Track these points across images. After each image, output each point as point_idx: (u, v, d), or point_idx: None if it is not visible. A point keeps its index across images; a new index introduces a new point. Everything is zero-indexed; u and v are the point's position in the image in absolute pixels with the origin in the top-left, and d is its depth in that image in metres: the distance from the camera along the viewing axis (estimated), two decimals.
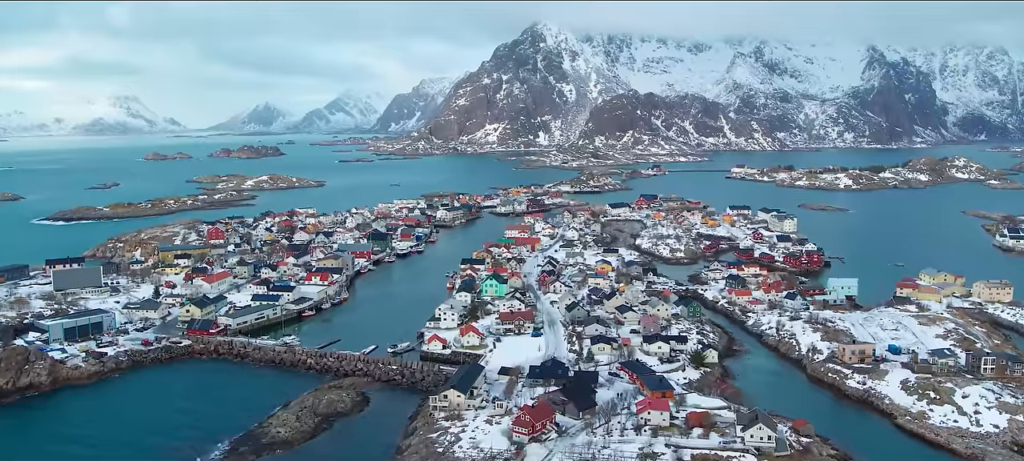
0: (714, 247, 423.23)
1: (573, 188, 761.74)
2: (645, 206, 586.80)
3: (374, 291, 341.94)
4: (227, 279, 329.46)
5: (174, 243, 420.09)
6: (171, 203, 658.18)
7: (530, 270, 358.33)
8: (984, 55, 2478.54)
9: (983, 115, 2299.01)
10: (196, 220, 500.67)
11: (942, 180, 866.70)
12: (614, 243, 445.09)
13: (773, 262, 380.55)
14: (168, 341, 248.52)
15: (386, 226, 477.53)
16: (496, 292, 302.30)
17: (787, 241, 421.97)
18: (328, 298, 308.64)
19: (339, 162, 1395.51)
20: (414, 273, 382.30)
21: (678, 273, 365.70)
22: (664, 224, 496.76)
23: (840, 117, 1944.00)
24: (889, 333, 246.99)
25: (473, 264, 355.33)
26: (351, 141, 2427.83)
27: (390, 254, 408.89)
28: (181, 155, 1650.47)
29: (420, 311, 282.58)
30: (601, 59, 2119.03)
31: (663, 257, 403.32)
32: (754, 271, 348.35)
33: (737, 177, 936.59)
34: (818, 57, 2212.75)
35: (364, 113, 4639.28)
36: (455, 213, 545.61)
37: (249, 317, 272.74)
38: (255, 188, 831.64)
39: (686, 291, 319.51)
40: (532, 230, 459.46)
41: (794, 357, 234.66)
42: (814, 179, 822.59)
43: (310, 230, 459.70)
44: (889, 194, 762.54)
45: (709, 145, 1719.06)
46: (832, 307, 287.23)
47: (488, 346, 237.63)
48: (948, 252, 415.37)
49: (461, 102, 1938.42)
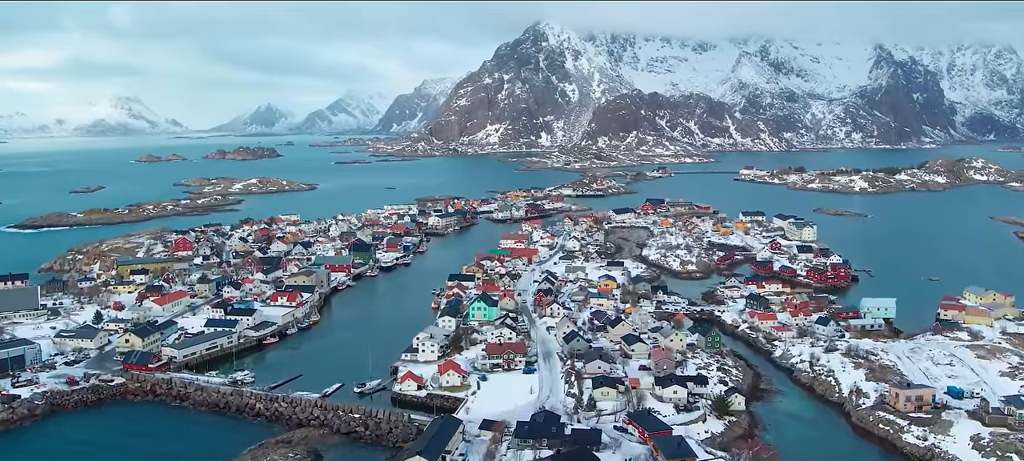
0: (728, 258, 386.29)
1: (575, 191, 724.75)
2: (651, 211, 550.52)
3: (350, 312, 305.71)
4: (184, 300, 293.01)
5: (136, 255, 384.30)
6: (150, 208, 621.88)
7: (526, 287, 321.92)
8: (992, 54, 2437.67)
9: (992, 115, 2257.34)
10: (165, 229, 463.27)
11: (961, 182, 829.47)
12: (618, 254, 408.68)
13: (795, 277, 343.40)
14: (98, 379, 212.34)
15: (372, 235, 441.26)
16: (485, 316, 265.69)
17: (808, 252, 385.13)
18: (295, 322, 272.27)
19: (335, 164, 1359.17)
20: (398, 289, 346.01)
21: (690, 289, 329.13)
22: (672, 232, 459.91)
23: (847, 117, 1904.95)
24: (943, 369, 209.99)
25: (461, 280, 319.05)
26: (351, 142, 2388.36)
27: (373, 267, 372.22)
28: (174, 157, 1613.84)
29: (399, 337, 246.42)
30: (604, 58, 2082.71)
31: (673, 271, 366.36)
32: (776, 289, 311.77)
33: (746, 179, 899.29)
34: (825, 56, 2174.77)
35: (366, 114, 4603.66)
36: (448, 220, 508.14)
37: (198, 347, 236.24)
38: (243, 192, 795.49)
39: (701, 313, 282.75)
40: (529, 239, 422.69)
41: (834, 399, 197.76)
42: (827, 181, 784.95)
43: (289, 240, 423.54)
44: (907, 197, 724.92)
45: (714, 146, 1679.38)
46: (871, 334, 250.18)
47: (471, 387, 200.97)
48: (983, 264, 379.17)
49: (462, 102, 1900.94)
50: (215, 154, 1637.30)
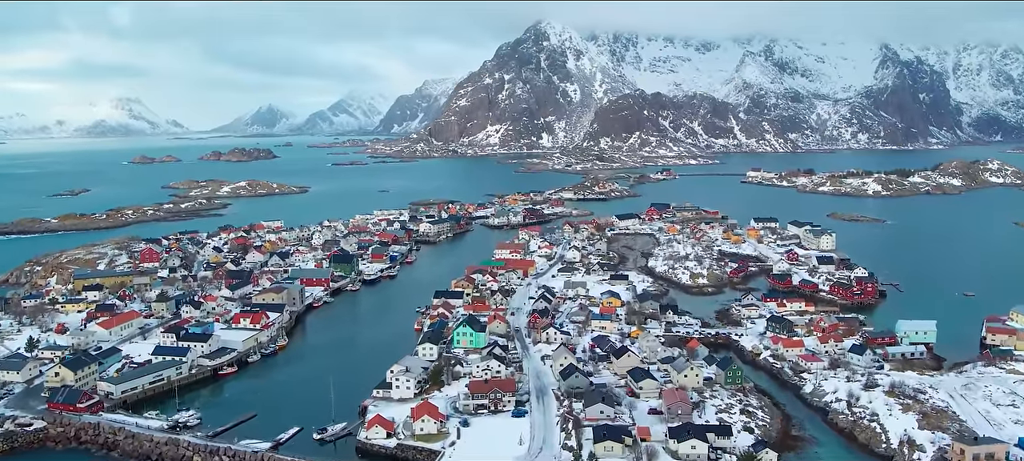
0: (742, 270, 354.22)
1: (576, 195, 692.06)
2: (657, 217, 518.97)
3: (324, 334, 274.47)
4: (136, 321, 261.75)
5: (97, 267, 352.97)
6: (129, 213, 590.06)
7: (520, 304, 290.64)
8: (998, 54, 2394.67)
9: (999, 115, 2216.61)
10: (134, 237, 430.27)
11: (976, 185, 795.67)
12: (622, 265, 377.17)
13: (817, 292, 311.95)
14: (14, 422, 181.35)
15: (358, 243, 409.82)
16: (471, 342, 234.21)
17: (829, 264, 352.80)
18: (258, 347, 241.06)
19: (331, 166, 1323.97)
20: (380, 306, 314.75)
21: (701, 306, 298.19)
22: (680, 240, 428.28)
23: (853, 117, 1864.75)
24: (1007, 412, 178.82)
25: (448, 298, 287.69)
26: (349, 143, 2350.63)
27: (355, 280, 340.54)
28: (168, 158, 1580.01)
29: (375, 365, 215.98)
30: (606, 58, 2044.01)
31: (682, 284, 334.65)
32: (798, 307, 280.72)
33: (753, 181, 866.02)
34: (829, 56, 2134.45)
35: (368, 114, 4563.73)
36: (441, 226, 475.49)
37: (140, 381, 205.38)
38: (230, 195, 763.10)
39: (716, 337, 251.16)
40: (526, 249, 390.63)
41: (882, 452, 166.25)
42: (838, 184, 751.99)
43: (266, 249, 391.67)
44: (923, 201, 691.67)
45: (719, 147, 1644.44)
46: (912, 364, 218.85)
47: (450, 436, 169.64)
48: (1019, 277, 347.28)
49: (462, 103, 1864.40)
50: (210, 155, 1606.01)
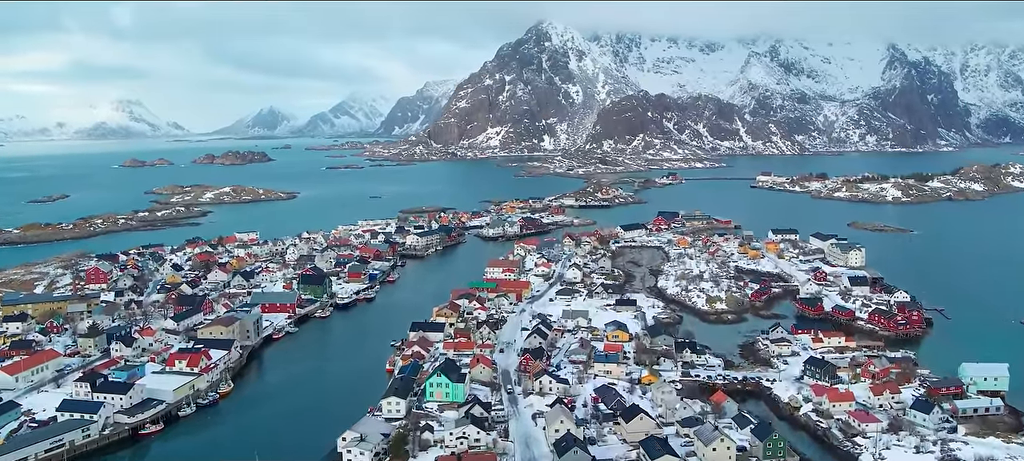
0: (765, 293, 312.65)
1: (578, 202, 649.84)
2: (665, 226, 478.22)
3: (279, 375, 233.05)
4: (54, 362, 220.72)
5: (35, 290, 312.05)
6: (99, 222, 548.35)
7: (512, 337, 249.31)
8: (1006, 54, 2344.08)
9: (1008, 116, 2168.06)
10: (84, 253, 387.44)
11: (999, 190, 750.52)
12: (629, 285, 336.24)
13: (854, 321, 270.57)
14: None
15: (336, 259, 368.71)
16: (447, 395, 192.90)
17: (863, 284, 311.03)
18: (193, 397, 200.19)
19: (326, 169, 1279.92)
20: (351, 337, 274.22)
21: (721, 338, 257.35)
22: (692, 254, 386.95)
23: (861, 119, 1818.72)
24: None
25: (427, 330, 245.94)
26: (348, 145, 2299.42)
27: (325, 305, 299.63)
28: (161, 161, 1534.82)
29: (336, 419, 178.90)
30: (609, 59, 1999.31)
31: (697, 310, 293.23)
32: (837, 342, 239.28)
33: (764, 186, 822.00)
34: (836, 57, 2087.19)
35: (369, 116, 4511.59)
36: (429, 238, 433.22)
37: (32, 450, 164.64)
38: (213, 202, 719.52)
39: (744, 384, 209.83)
40: (521, 267, 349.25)
41: None
42: (855, 190, 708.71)
43: (231, 267, 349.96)
44: (946, 208, 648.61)
45: (725, 149, 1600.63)
46: (990, 422, 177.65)
47: None
48: None
49: (462, 105, 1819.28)
50: (204, 159, 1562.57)
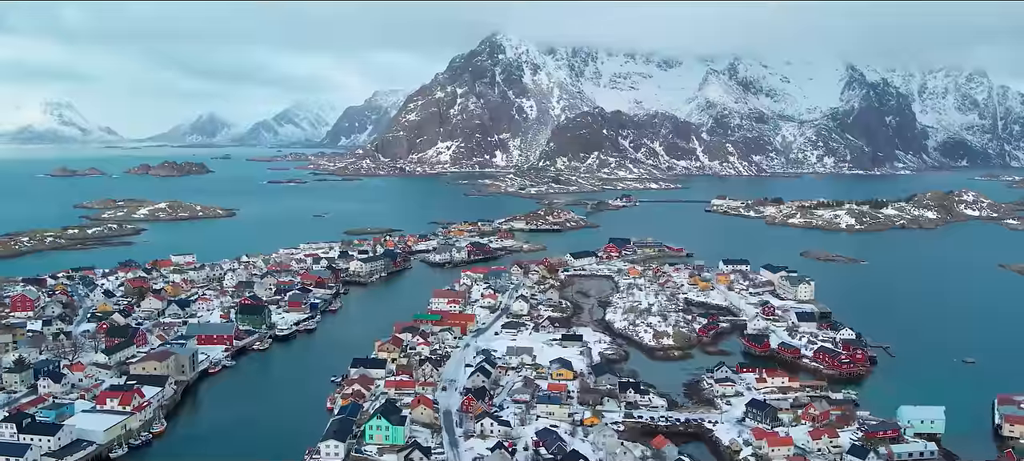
0: (713, 328, 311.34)
1: (528, 225, 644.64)
2: (616, 254, 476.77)
3: (214, 414, 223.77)
4: None
5: None
6: (25, 240, 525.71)
7: (455, 374, 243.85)
8: (963, 77, 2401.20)
9: (965, 140, 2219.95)
10: (9, 278, 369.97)
11: (952, 218, 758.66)
12: (577, 317, 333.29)
13: (799, 358, 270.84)
14: None
15: (277, 286, 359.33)
16: (387, 438, 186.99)
17: (810, 320, 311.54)
18: (124, 438, 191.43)
19: (268, 183, 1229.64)
20: (291, 371, 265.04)
21: (667, 376, 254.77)
22: (641, 285, 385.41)
23: (819, 140, 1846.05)
24: None
25: (368, 367, 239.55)
26: (291, 157, 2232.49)
27: (264, 337, 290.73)
28: (92, 171, 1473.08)
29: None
30: (565, 73, 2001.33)
31: (644, 345, 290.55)
32: (780, 382, 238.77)
33: (718, 211, 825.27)
34: (795, 75, 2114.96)
35: (315, 125, 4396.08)
36: (374, 265, 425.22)
37: None
38: (148, 218, 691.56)
39: (686, 426, 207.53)
40: (467, 298, 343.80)
41: None
42: (809, 216, 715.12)
43: (166, 295, 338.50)
44: (898, 236, 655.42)
45: (681, 169, 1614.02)
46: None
47: None
48: (1018, 335, 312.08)
49: (411, 117, 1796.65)
50: (138, 168, 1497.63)
